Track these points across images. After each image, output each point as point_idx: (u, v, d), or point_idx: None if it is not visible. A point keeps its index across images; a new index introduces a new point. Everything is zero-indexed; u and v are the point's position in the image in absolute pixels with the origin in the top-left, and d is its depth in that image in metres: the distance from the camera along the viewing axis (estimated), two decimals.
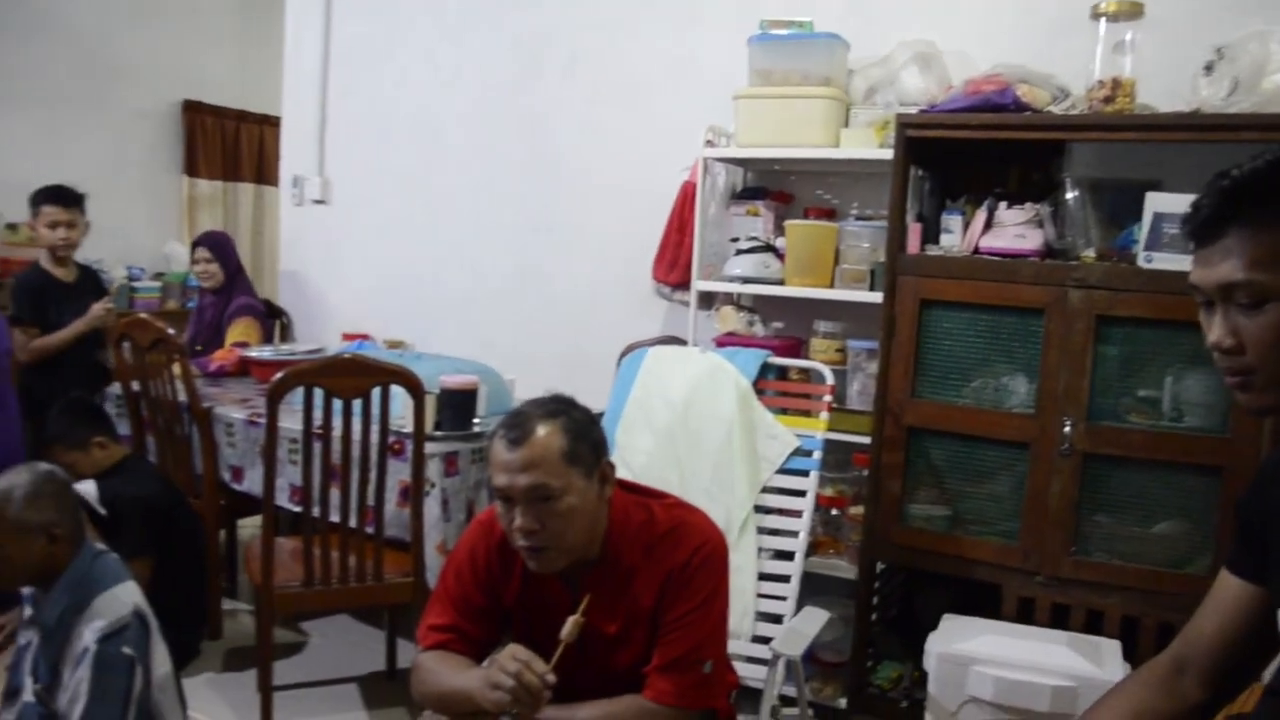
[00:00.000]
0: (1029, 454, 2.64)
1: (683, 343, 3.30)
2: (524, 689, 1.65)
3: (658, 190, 3.67)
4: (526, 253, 4.22)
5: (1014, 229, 2.73)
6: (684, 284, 3.51)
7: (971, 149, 2.84)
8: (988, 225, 2.77)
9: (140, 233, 7.12)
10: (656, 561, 1.86)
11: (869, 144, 3.11)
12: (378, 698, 3.27)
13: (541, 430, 1.78)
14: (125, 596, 2.34)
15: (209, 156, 7.49)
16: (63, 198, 4.08)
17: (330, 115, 4.84)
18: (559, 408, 1.84)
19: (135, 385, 3.57)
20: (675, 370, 2.89)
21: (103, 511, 3.02)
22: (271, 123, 7.35)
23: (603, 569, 1.88)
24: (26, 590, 2.42)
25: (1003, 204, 2.77)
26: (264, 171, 7.73)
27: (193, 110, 7.36)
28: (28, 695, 2.36)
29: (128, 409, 3.67)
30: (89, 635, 2.24)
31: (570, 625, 1.75)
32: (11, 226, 6.37)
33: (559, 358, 3.94)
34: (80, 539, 2.39)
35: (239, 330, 4.33)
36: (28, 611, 2.42)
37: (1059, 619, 2.61)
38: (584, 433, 1.83)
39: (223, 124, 7.56)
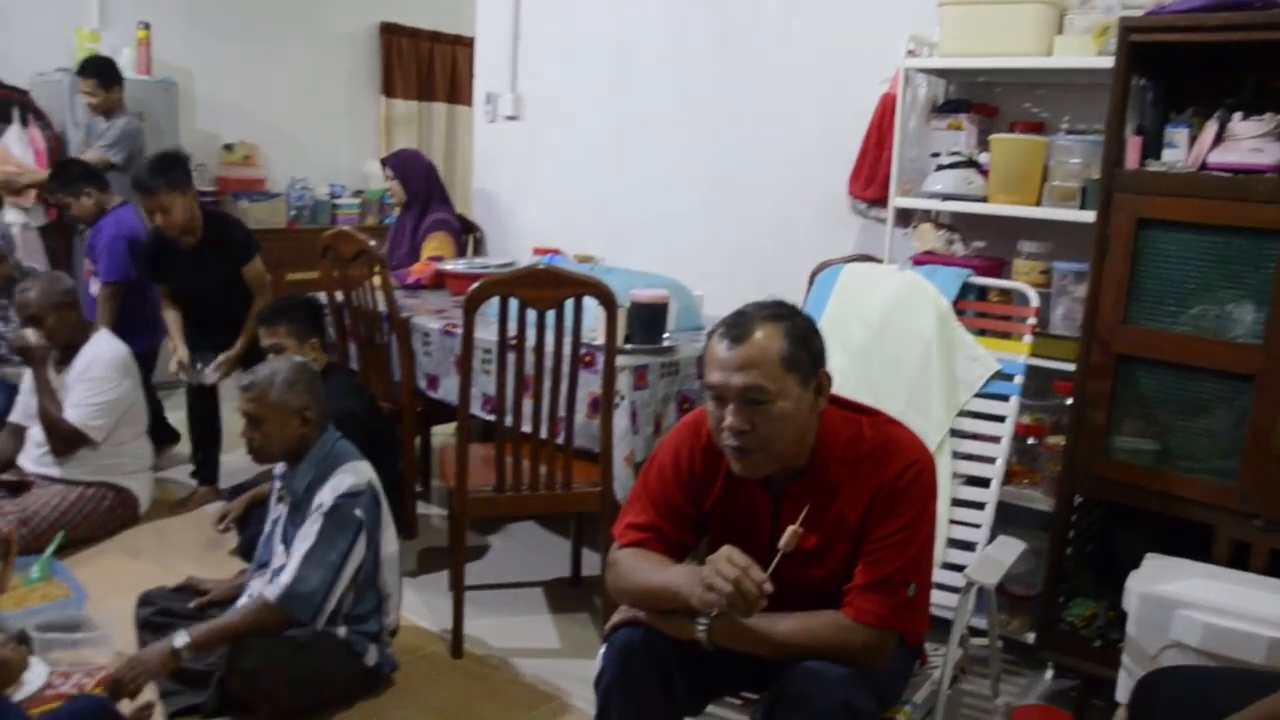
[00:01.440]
0: (1253, 387, 2.45)
1: (878, 261, 3.20)
2: (740, 595, 1.65)
3: (855, 103, 3.55)
4: (717, 168, 4.16)
5: (1249, 142, 2.50)
6: (881, 200, 3.40)
7: (1203, 54, 2.61)
8: (1218, 139, 2.55)
9: (341, 151, 7.42)
10: (864, 477, 1.83)
11: (1086, 51, 2.91)
12: (563, 602, 3.37)
13: (762, 331, 1.76)
14: (363, 471, 2.63)
15: (405, 77, 7.70)
16: (141, 185, 3.88)
17: (523, 31, 4.87)
18: (782, 312, 1.81)
19: (339, 296, 3.73)
20: (871, 288, 2.81)
21: None
22: (464, 43, 7.49)
23: (808, 481, 1.86)
24: (278, 470, 2.70)
25: (1237, 115, 2.54)
26: (456, 91, 7.91)
27: (389, 32, 7.56)
28: (278, 562, 2.60)
29: (332, 318, 3.84)
30: (328, 495, 2.54)
31: (788, 535, 1.74)
32: (229, 147, 6.75)
33: (749, 274, 3.89)
34: (326, 423, 2.69)
35: (434, 245, 4.47)
36: (277, 486, 2.68)
37: (1278, 567, 2.44)
38: (805, 340, 1.79)
39: (417, 45, 7.74)
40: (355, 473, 2.60)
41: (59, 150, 5.37)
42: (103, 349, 3.69)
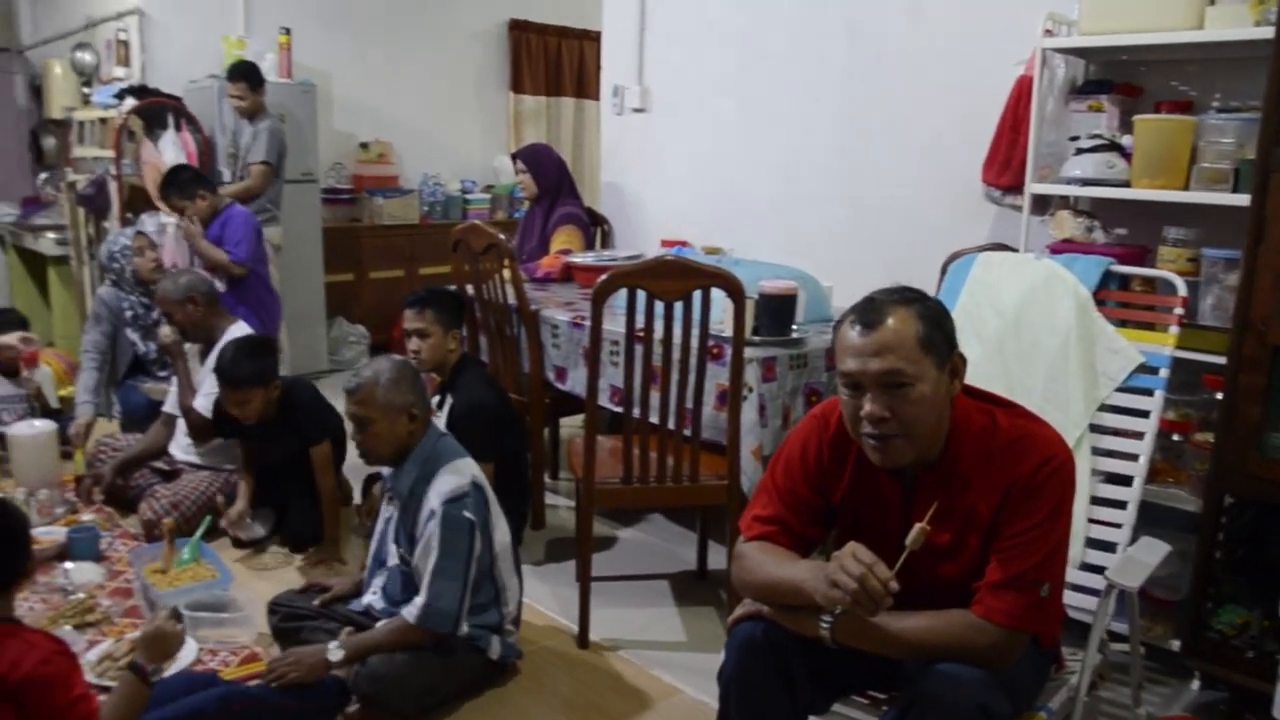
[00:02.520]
0: None
1: (1013, 250, 3.10)
2: (865, 593, 1.61)
3: (989, 87, 3.43)
4: (847, 157, 4.09)
5: None
6: (1016, 187, 3.28)
7: None
8: None
9: (472, 147, 7.58)
10: (998, 471, 1.77)
11: (1242, 22, 2.74)
12: (688, 596, 3.37)
13: (896, 315, 1.72)
14: (465, 469, 2.63)
15: (533, 73, 7.82)
16: (227, 377, 3.48)
17: (649, 22, 4.87)
18: (912, 295, 1.78)
19: (470, 289, 3.79)
20: (1007, 277, 2.71)
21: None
22: (591, 38, 7.56)
23: (939, 473, 1.81)
24: (386, 472, 2.74)
25: None
26: (584, 85, 7.99)
27: (518, 29, 7.68)
28: (392, 560, 2.67)
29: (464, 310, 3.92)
30: (435, 499, 2.55)
31: (916, 533, 1.69)
32: (364, 145, 6.97)
33: (879, 265, 3.81)
34: (430, 420, 2.70)
35: (562, 238, 4.52)
36: (387, 486, 2.72)
37: None
38: (939, 321, 1.75)
39: (545, 41, 7.84)
40: (458, 473, 2.59)
41: (208, 152, 5.63)
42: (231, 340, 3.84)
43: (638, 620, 3.17)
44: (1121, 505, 2.43)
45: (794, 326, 3.19)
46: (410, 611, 2.52)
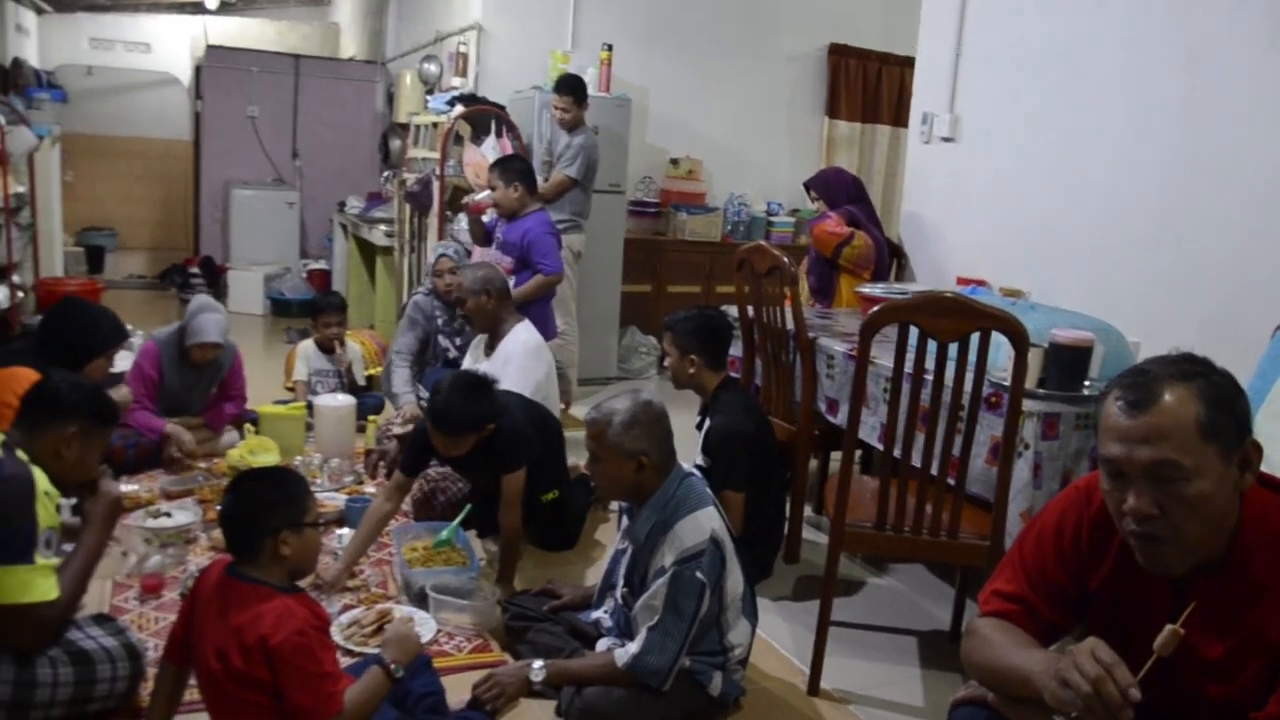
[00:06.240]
0: None
1: None
2: (1100, 699, 1.37)
3: None
4: (1172, 198, 3.64)
5: None
6: None
7: None
8: None
9: (781, 170, 7.55)
10: None
11: None
12: (935, 658, 3.13)
13: (1173, 394, 1.47)
14: (705, 522, 2.48)
15: (850, 98, 7.68)
16: (443, 423, 3.19)
17: (966, 48, 4.61)
18: (1195, 369, 1.50)
19: (750, 311, 3.73)
20: None
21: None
22: (912, 64, 7.33)
23: (1222, 577, 1.53)
24: (626, 514, 2.71)
25: None
26: (902, 113, 7.75)
27: (838, 53, 7.58)
28: (619, 592, 2.64)
29: (741, 332, 3.86)
30: (669, 556, 2.44)
31: (1166, 635, 1.44)
32: (674, 161, 7.11)
33: (1197, 322, 3.39)
34: (670, 466, 2.58)
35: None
36: (624, 522, 2.69)
37: None
38: (1226, 403, 1.47)
39: (865, 66, 7.69)
40: (697, 526, 2.46)
41: (524, 158, 5.91)
42: (517, 342, 3.94)
43: (876, 675, 2.98)
44: None
45: (1086, 382, 2.88)
46: (621, 657, 2.45)
